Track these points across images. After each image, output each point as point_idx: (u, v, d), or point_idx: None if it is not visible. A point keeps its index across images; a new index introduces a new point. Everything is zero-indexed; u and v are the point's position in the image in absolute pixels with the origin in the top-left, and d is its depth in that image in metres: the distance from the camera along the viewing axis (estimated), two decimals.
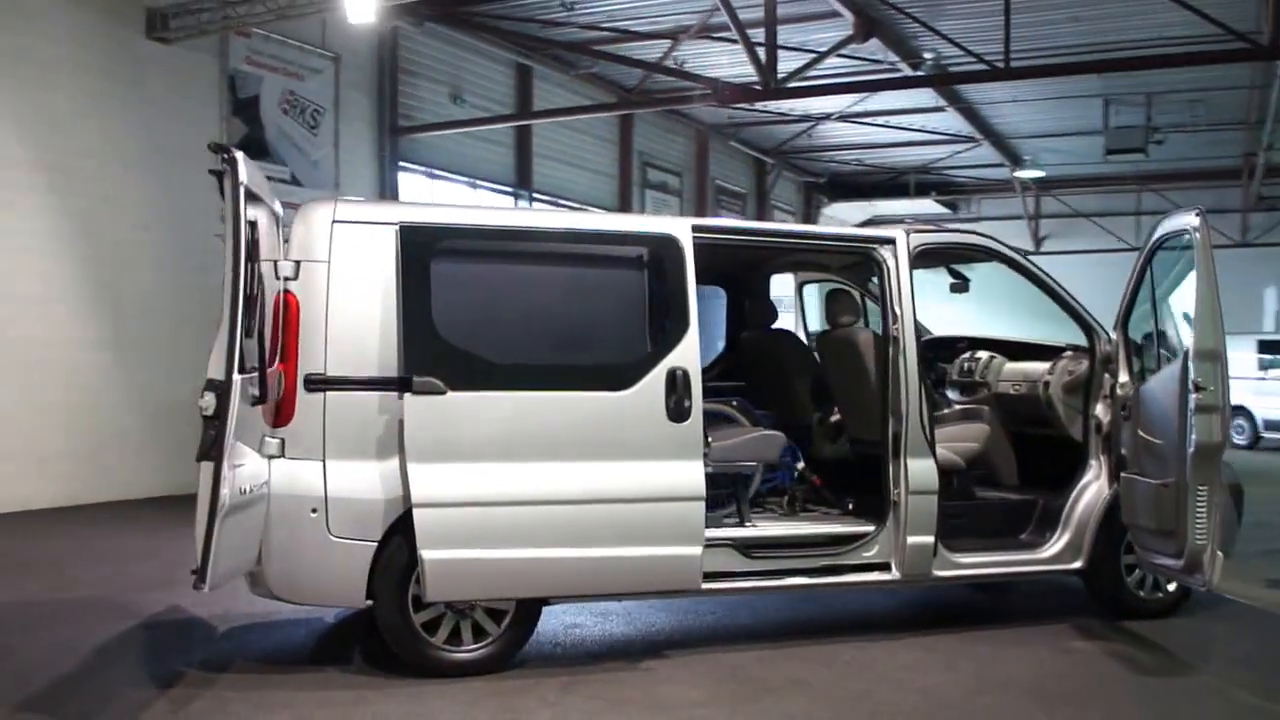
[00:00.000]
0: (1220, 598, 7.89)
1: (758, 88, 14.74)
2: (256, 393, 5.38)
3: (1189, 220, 6.39)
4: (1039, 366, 7.70)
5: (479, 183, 18.55)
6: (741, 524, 6.75)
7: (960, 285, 8.05)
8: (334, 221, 5.85)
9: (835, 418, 7.59)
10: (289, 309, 5.77)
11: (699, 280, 6.90)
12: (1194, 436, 6.09)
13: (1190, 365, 6.15)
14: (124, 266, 12.71)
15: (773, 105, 20.95)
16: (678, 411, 6.02)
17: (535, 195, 19.36)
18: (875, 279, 6.90)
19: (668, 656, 6.38)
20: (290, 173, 15.08)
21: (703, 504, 6.06)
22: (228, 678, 5.91)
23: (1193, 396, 6.09)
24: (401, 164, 16.93)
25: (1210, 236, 6.30)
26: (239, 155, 5.18)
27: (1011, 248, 7.32)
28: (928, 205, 27.49)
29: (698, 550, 6.03)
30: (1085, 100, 19.88)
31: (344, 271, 5.81)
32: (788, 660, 6.30)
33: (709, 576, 6.24)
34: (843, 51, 16.67)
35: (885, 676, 6.03)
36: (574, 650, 6.55)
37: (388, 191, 16.54)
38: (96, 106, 12.59)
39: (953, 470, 7.17)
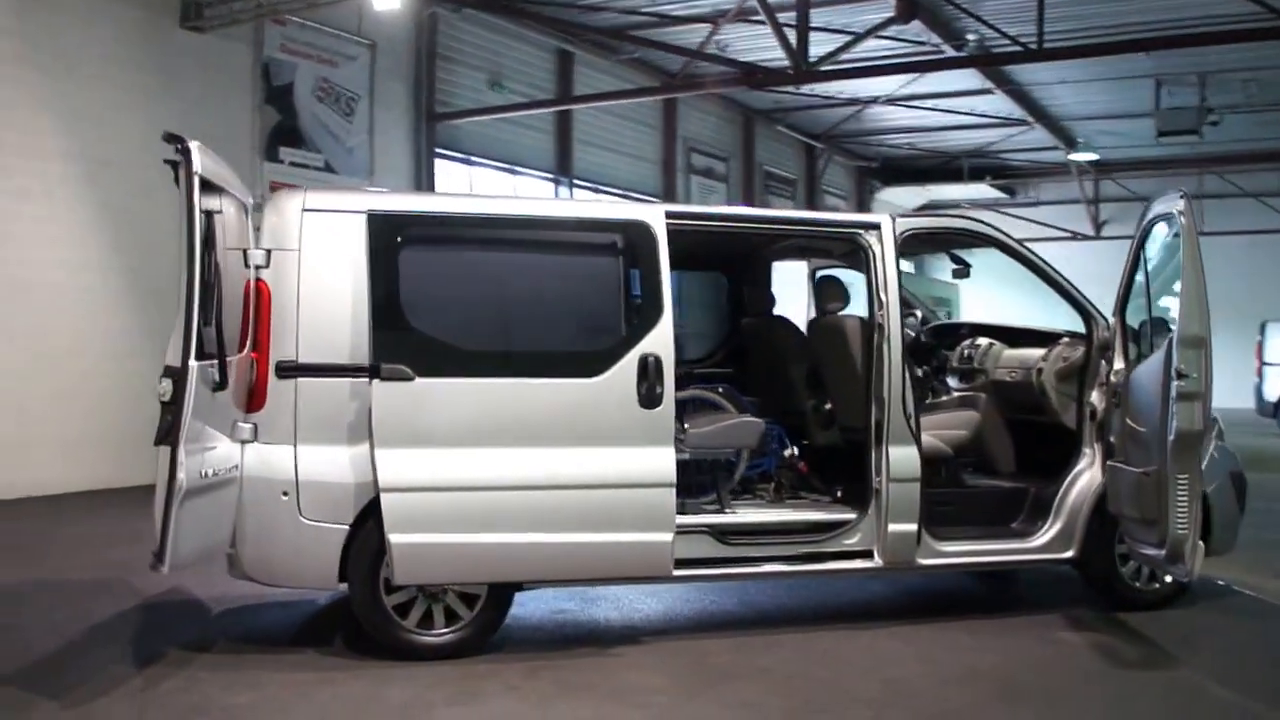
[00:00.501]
0: (1226, 588, 7.76)
1: (789, 71, 14.55)
2: (218, 379, 5.45)
3: (1174, 204, 6.27)
4: (1035, 353, 7.58)
5: (518, 169, 18.63)
6: (721, 510, 6.72)
7: (961, 271, 7.96)
8: (304, 210, 5.94)
9: (829, 405, 7.54)
10: (260, 297, 5.87)
11: (701, 268, 6.90)
12: (1174, 424, 5.97)
13: (1174, 352, 6.03)
14: (157, 255, 12.89)
15: (819, 89, 20.82)
16: (649, 398, 6.02)
17: (575, 181, 19.41)
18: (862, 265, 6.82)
19: (643, 643, 6.40)
20: (324, 160, 15.31)
21: (673, 491, 6.05)
22: (206, 657, 6.03)
23: (1175, 384, 5.97)
24: (438, 151, 17.08)
25: (1195, 221, 6.17)
26: (194, 145, 5.27)
27: (1004, 233, 7.19)
28: (983, 190, 27.16)
29: (668, 537, 6.03)
30: (1137, 81, 19.49)
31: (314, 259, 5.89)
32: (762, 648, 6.28)
33: (685, 563, 6.25)
34: (885, 34, 16.50)
35: (855, 666, 6.00)
36: (553, 635, 6.59)
37: (423, 178, 16.69)
38: (132, 97, 12.83)
39: (940, 458, 7.09)
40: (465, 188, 17.72)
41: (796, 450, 7.38)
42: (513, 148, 18.35)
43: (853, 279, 7.47)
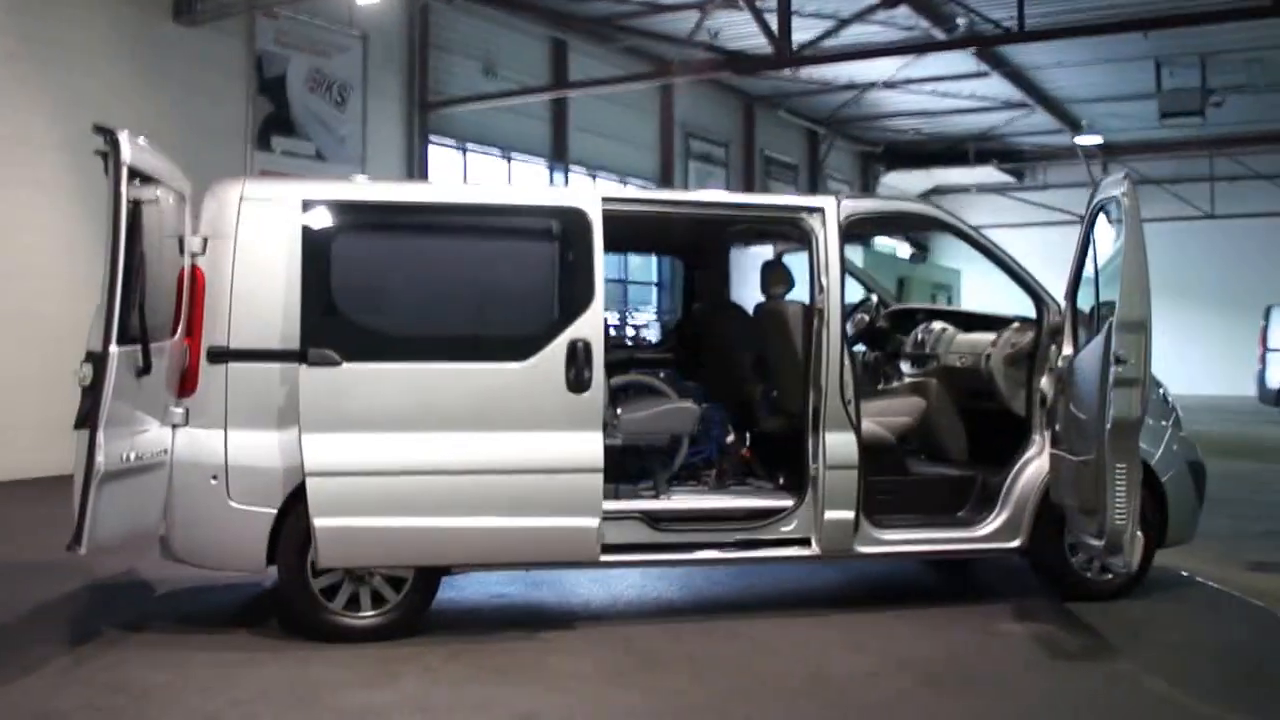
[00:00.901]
0: (1188, 580, 7.69)
1: (771, 57, 14.51)
2: (141, 364, 5.49)
3: (1118, 187, 6.21)
4: (985, 338, 7.51)
5: (514, 155, 18.66)
6: (657, 496, 6.71)
7: (918, 255, 7.93)
8: (242, 199, 5.97)
9: (775, 391, 7.51)
10: (195, 283, 5.91)
11: (660, 252, 6.87)
12: (1112, 411, 5.92)
13: (1113, 337, 5.98)
14: None
15: (817, 74, 20.74)
16: (578, 383, 6.02)
17: (571, 167, 19.42)
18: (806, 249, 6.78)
19: (576, 628, 6.39)
20: (315, 149, 15.38)
21: (600, 476, 6.05)
22: (139, 637, 6.10)
23: (1113, 369, 5.92)
24: (432, 138, 17.13)
25: (1138, 204, 6.11)
26: (123, 136, 5.31)
27: (956, 216, 7.14)
28: (990, 173, 26.99)
29: (595, 522, 6.03)
30: (1137, 63, 19.30)
31: (250, 247, 5.92)
32: (695, 635, 6.27)
33: (617, 548, 6.26)
34: (875, 19, 16.41)
35: (786, 654, 5.97)
36: (488, 619, 6.61)
37: (415, 166, 16.73)
38: (125, 89, 12.92)
39: (883, 445, 7.05)
40: (459, 174, 17.77)
41: (737, 437, 7.35)
42: (508, 134, 18.37)
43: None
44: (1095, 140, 24.76)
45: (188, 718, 4.95)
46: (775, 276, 7.32)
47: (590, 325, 6.08)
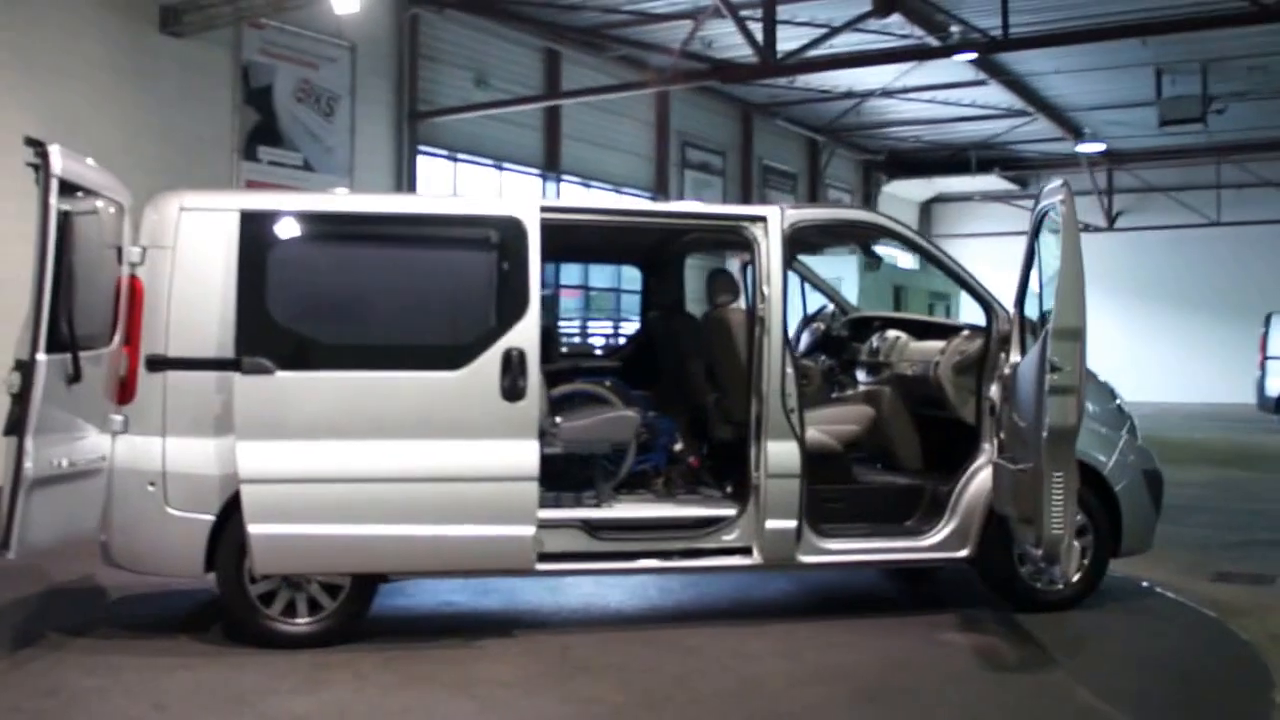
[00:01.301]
0: (1146, 590, 7.66)
1: (755, 65, 14.55)
2: (71, 372, 5.55)
3: (1056, 195, 6.21)
4: (935, 346, 7.50)
5: (505, 165, 18.74)
6: (599, 505, 6.73)
7: (873, 263, 7.94)
8: (182, 209, 6.04)
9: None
10: (134, 293, 5.97)
11: (616, 261, 6.90)
12: (1048, 419, 5.92)
13: (1049, 345, 5.98)
14: None
15: (814, 83, 20.75)
16: (512, 391, 6.06)
17: (564, 177, 19.49)
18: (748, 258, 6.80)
19: (514, 636, 6.41)
20: (303, 159, 15.51)
21: (535, 484, 6.08)
22: (81, 642, 6.15)
23: (1049, 377, 5.92)
24: (422, 148, 17.22)
25: (1075, 211, 6.11)
26: (54, 149, 5.37)
27: (904, 225, 7.15)
28: (993, 182, 26.94)
29: (529, 530, 6.06)
30: (1137, 70, 19.30)
31: (188, 257, 5.98)
32: (632, 644, 6.27)
33: (555, 557, 6.29)
34: (865, 27, 16.41)
35: (718, 662, 5.96)
36: (430, 626, 6.66)
37: (405, 176, 16.82)
38: (111, 100, 13.10)
39: (829, 453, 7.05)
40: (449, 185, 17.85)
41: (690, 445, 7.36)
42: (499, 144, 18.46)
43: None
44: (1098, 148, 24.71)
45: None
46: (719, 285, 7.33)
47: (525, 334, 6.12)
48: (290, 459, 5.86)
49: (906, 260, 24.19)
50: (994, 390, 6.96)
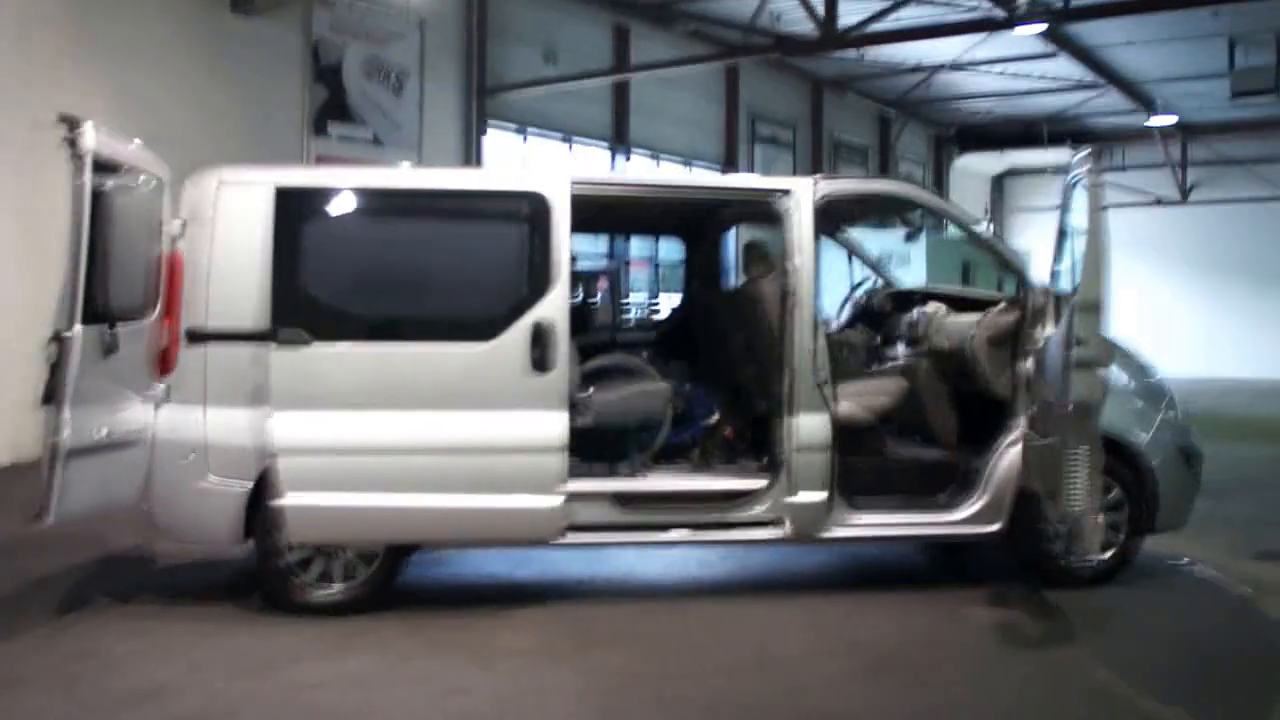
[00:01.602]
0: (1183, 567, 7.55)
1: (815, 39, 14.44)
2: (109, 343, 5.73)
3: (1082, 166, 6.12)
4: (972, 319, 7.42)
5: (574, 139, 18.81)
6: (631, 476, 6.78)
7: (914, 234, 7.88)
8: (220, 184, 6.20)
9: None
10: (174, 266, 6.15)
11: (661, 233, 6.96)
12: (1072, 393, 5.86)
13: (1073, 318, 5.91)
14: None
15: (884, 56, 20.52)
16: (541, 363, 6.14)
17: (633, 150, 19.51)
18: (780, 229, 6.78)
19: (545, 605, 6.51)
20: (372, 134, 15.67)
21: (564, 455, 6.17)
22: (126, 608, 6.41)
23: (1073, 351, 5.85)
24: (491, 122, 17.33)
25: (1100, 183, 6.02)
26: (88, 126, 5.52)
27: (935, 195, 7.08)
28: (1064, 155, 26.24)
29: (557, 501, 6.16)
30: (1210, 41, 18.74)
31: (227, 231, 6.14)
32: (659, 615, 6.36)
33: (584, 528, 6.37)
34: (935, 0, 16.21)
35: (738, 635, 6.02)
36: (464, 596, 6.79)
37: (474, 150, 16.97)
38: (182, 80, 13.35)
39: (862, 426, 7.03)
40: (519, 159, 17.98)
41: (726, 418, 7.37)
42: (568, 119, 18.52)
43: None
44: (1170, 120, 24.10)
45: (139, 683, 5.19)
46: (752, 257, 7.33)
47: (554, 306, 6.19)
48: (324, 430, 6.03)
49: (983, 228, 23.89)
50: (1027, 364, 6.89)
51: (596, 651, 5.72)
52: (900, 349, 8.11)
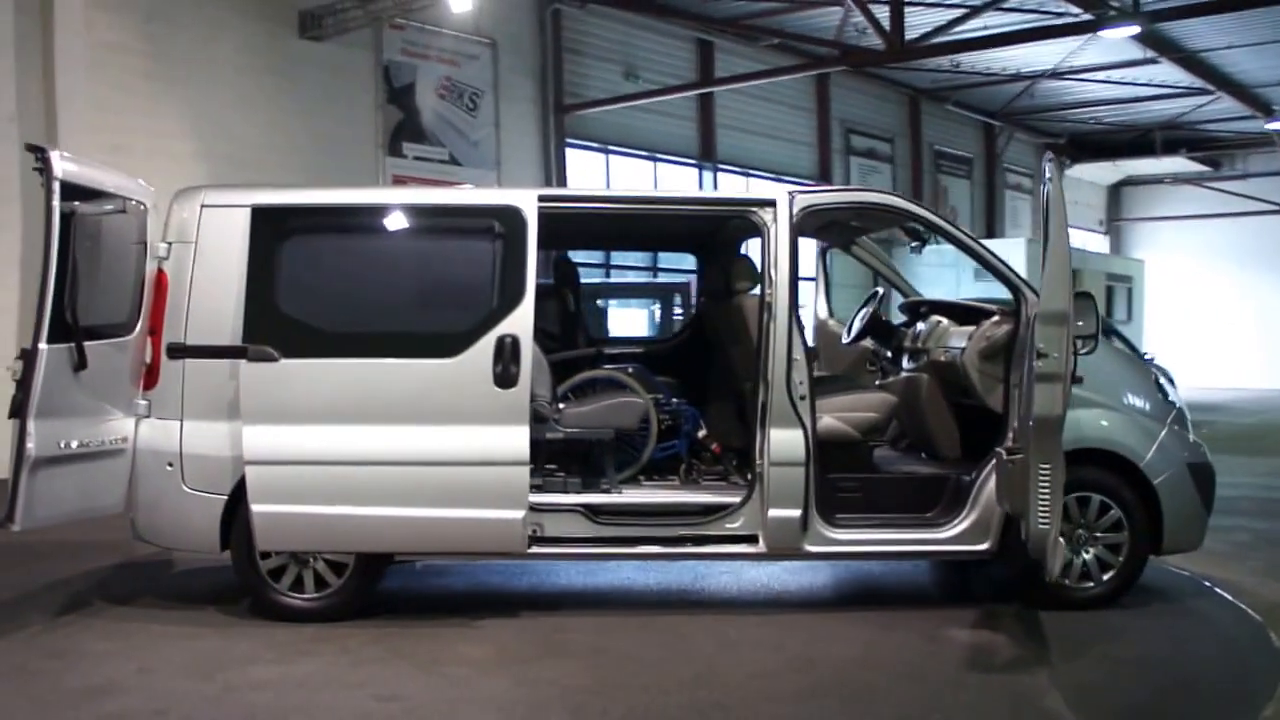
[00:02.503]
0: (1206, 590, 7.27)
1: (880, 50, 14.26)
2: (77, 360, 5.99)
3: (1046, 169, 5.93)
4: (968, 331, 7.24)
5: (658, 156, 18.90)
6: (609, 490, 6.80)
7: (917, 246, 7.72)
8: (203, 206, 6.44)
9: None
10: (159, 285, 6.40)
11: (672, 247, 7.00)
12: (1034, 408, 5.68)
13: (1035, 330, 5.74)
14: None
15: (981, 65, 20.15)
16: (505, 378, 6.21)
17: (720, 166, 19.51)
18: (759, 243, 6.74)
19: (519, 617, 6.56)
20: (448, 153, 16.05)
21: (526, 469, 6.22)
22: (119, 610, 6.67)
23: (1035, 364, 5.68)
24: (571, 141, 17.54)
25: (1060, 188, 5.83)
26: (54, 155, 5.81)
27: (920, 204, 6.93)
28: (1181, 163, 25.51)
29: (520, 514, 6.21)
30: None
31: (207, 250, 6.38)
32: (627, 628, 6.34)
33: (556, 541, 6.41)
34: (1024, 6, 15.85)
35: (696, 651, 5.96)
36: (443, 605, 6.89)
37: (553, 168, 17.18)
38: (254, 103, 13.94)
39: (846, 441, 6.92)
40: (600, 177, 18.14)
41: (708, 432, 7.34)
42: (652, 136, 18.63)
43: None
44: None
45: (93, 681, 5.41)
46: (737, 271, 7.28)
47: (519, 322, 6.26)
48: (292, 442, 6.19)
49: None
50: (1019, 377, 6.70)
51: (544, 663, 5.74)
52: (905, 362, 7.97)
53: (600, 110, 17.62)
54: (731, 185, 19.83)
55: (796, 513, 6.46)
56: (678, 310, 14.61)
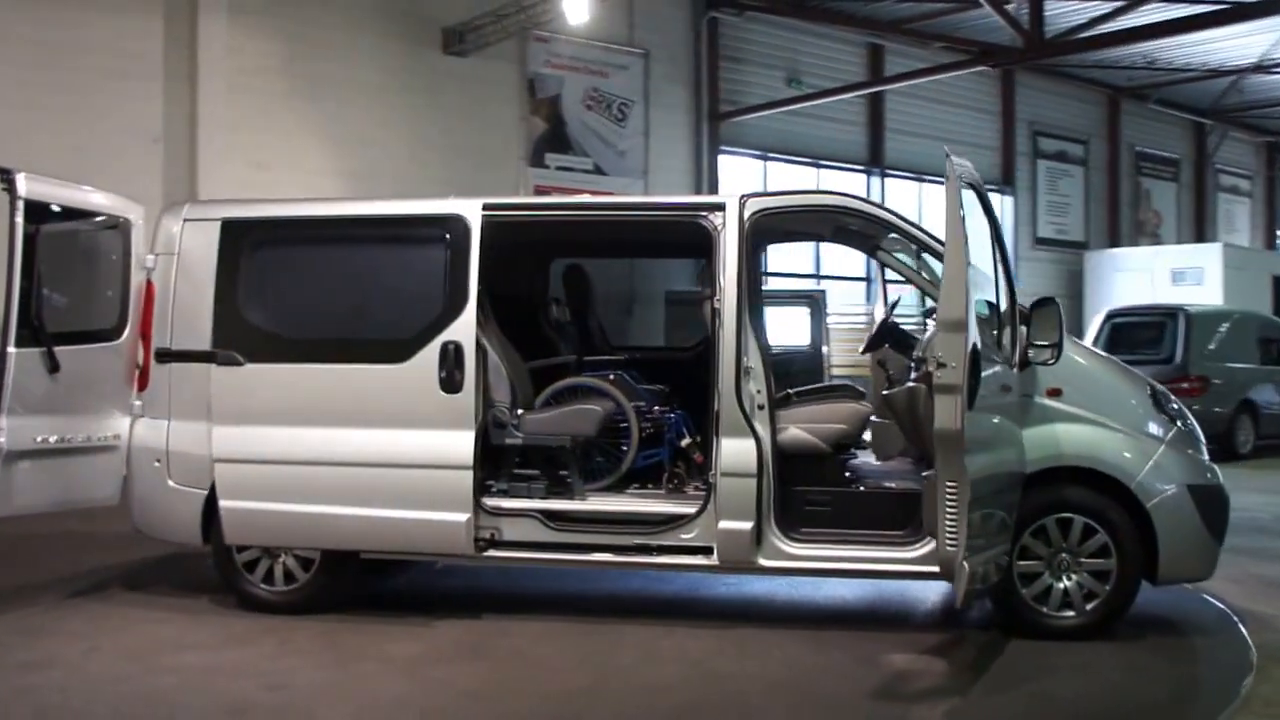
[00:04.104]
0: (1226, 622, 6.70)
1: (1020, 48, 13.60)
2: (50, 364, 6.52)
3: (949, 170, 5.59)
4: None
5: (823, 163, 18.61)
6: (575, 496, 6.80)
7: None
8: (185, 220, 6.88)
9: None
10: (148, 294, 6.88)
11: (692, 255, 7.06)
12: (935, 422, 5.38)
13: (934, 339, 5.45)
14: None
15: (1179, 60, 18.88)
16: (449, 383, 6.37)
17: (888, 172, 19.04)
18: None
19: (478, 618, 6.67)
20: (593, 163, 16.31)
21: (470, 473, 6.34)
22: (123, 595, 7.23)
23: (935, 374, 5.38)
24: (726, 148, 17.52)
25: (958, 191, 5.46)
26: (20, 177, 6.36)
27: (879, 205, 6.60)
28: None
29: (464, 517, 6.33)
30: None
31: (188, 261, 6.82)
32: (572, 634, 6.37)
33: (511, 545, 6.51)
34: None
35: (607, 661, 5.92)
36: (418, 602, 7.10)
37: (704, 176, 17.20)
38: (398, 119, 14.62)
39: (813, 453, 6.70)
40: (757, 184, 18.04)
41: (690, 441, 7.23)
42: (815, 142, 18.39)
43: None
44: None
45: (38, 657, 5.89)
46: (703, 277, 7.15)
47: (463, 328, 6.40)
48: (256, 442, 6.55)
49: None
50: None
51: (454, 665, 5.83)
52: (912, 372, 7.62)
53: (758, 116, 17.48)
54: (903, 191, 19.29)
55: (748, 525, 6.30)
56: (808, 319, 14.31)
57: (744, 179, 17.91)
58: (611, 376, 7.43)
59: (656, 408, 7.38)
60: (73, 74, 12.34)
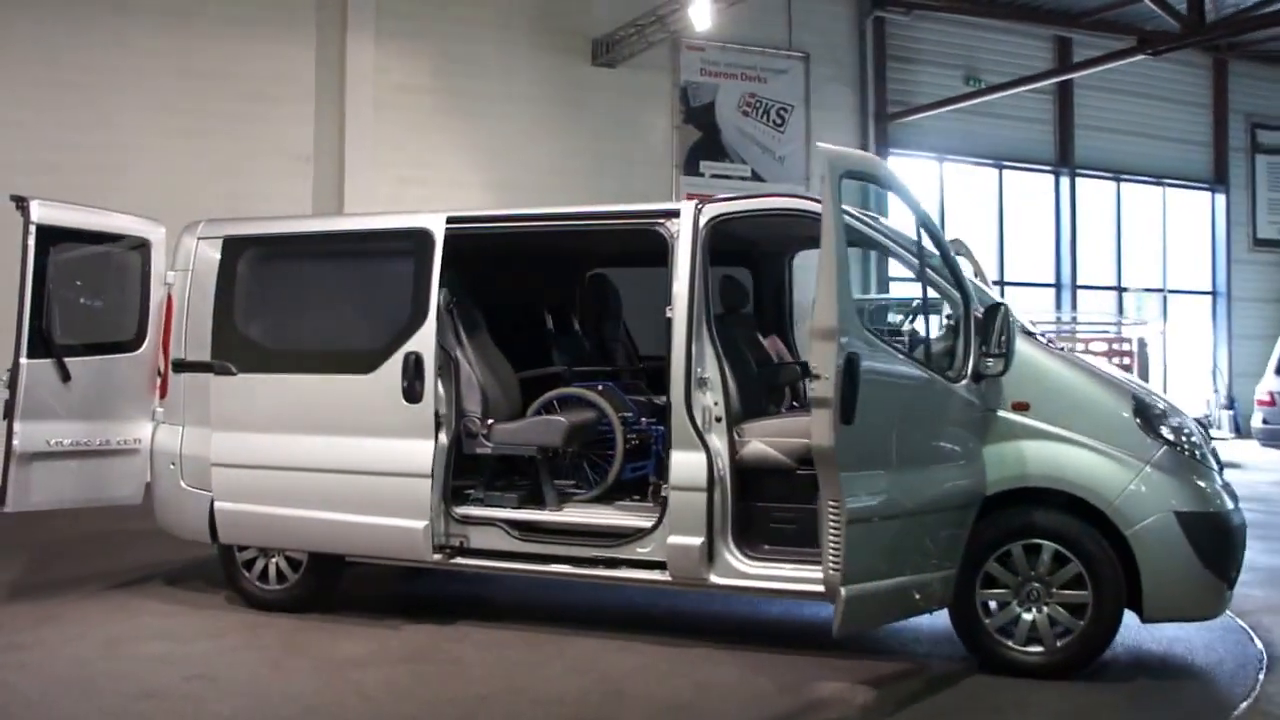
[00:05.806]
0: (1254, 660, 6.15)
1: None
2: (62, 374, 7.07)
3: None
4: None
5: (1005, 163, 17.79)
6: (545, 507, 6.83)
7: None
8: (198, 238, 7.34)
9: None
10: (167, 308, 7.37)
11: (722, 262, 7.15)
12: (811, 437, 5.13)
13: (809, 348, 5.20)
14: None
15: None
16: (411, 393, 6.54)
17: (1079, 171, 18.00)
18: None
19: (450, 624, 6.79)
20: (750, 170, 16.18)
21: (428, 480, 6.49)
22: (149, 588, 7.73)
23: (810, 386, 5.13)
24: (897, 150, 17.01)
25: (835, 191, 5.17)
26: (34, 203, 6.93)
27: (851, 211, 6.21)
28: None
29: (422, 524, 6.49)
30: None
31: (199, 276, 7.28)
32: (515, 644, 6.41)
33: (476, 553, 6.63)
34: None
35: (529, 672, 5.95)
36: (408, 606, 7.31)
37: None
38: (544, 131, 14.96)
39: (776, 468, 6.44)
40: (932, 186, 17.42)
41: None
42: (997, 142, 17.60)
43: None
44: None
45: (19, 640, 6.42)
46: (725, 289, 7.09)
47: (424, 339, 6.56)
48: (245, 448, 6.95)
49: None
50: None
51: (387, 669, 5.97)
52: None
53: (932, 116, 16.85)
54: (1098, 192, 18.18)
55: (698, 541, 6.15)
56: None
57: (918, 182, 17.30)
58: (600, 388, 7.41)
59: (644, 419, 7.29)
60: (230, 102, 13.26)
